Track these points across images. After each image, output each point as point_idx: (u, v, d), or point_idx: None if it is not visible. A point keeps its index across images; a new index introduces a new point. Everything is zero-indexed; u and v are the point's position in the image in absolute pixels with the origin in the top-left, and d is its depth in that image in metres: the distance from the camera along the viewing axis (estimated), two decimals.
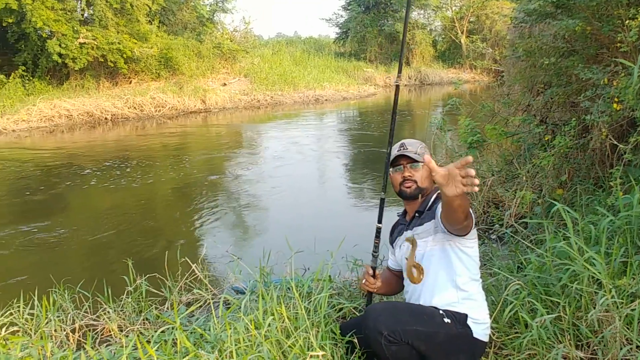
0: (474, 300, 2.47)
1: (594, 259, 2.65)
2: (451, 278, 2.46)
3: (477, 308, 2.46)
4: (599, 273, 2.59)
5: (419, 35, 32.72)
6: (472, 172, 1.89)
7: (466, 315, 2.40)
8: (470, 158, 1.89)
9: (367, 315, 2.34)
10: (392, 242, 2.89)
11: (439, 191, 2.59)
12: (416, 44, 32.58)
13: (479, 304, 2.49)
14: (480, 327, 2.43)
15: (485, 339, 2.47)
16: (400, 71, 2.83)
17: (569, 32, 4.74)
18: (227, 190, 8.53)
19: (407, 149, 2.64)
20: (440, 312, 2.38)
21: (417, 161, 2.63)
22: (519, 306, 2.69)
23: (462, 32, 32.62)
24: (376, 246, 2.80)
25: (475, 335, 2.40)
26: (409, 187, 2.63)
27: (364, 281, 2.78)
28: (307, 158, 10.99)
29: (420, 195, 2.65)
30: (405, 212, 2.81)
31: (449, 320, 2.34)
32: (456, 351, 2.38)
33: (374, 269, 2.77)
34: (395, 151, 2.68)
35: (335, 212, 7.18)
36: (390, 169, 2.72)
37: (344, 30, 36.51)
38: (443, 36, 35.47)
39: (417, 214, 2.65)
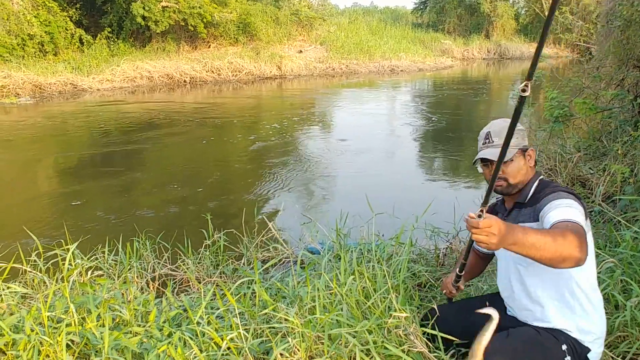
0: (596, 323, 2.09)
1: None
2: (567, 285, 2.06)
3: (596, 328, 2.09)
4: None
5: (501, 7, 31.40)
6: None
7: (589, 349, 2.06)
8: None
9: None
10: None
11: (541, 177, 2.25)
12: (497, 17, 31.33)
13: (598, 324, 2.10)
14: (599, 350, 2.11)
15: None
16: (531, 76, 1.51)
17: None
18: (300, 155, 8.55)
19: (492, 142, 2.19)
20: (563, 347, 2.03)
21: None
22: (612, 285, 2.53)
23: (547, 5, 31.05)
24: (458, 277, 2.34)
25: None
26: (500, 186, 2.24)
27: (444, 292, 2.44)
28: (380, 128, 10.85)
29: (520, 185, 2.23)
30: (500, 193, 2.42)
31: (569, 358, 2.03)
32: None
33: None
34: (480, 143, 2.27)
35: (407, 182, 7.05)
36: (479, 164, 2.30)
37: (423, 0, 35.54)
38: (526, 9, 33.90)
39: (516, 206, 2.26)
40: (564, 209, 1.94)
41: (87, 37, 17.56)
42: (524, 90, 1.50)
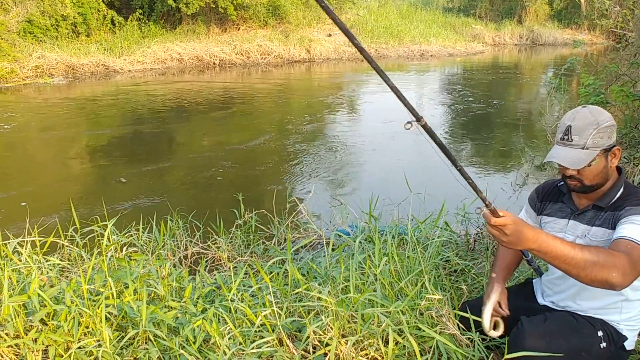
0: (637, 315, 2.08)
1: None
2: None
3: (636, 320, 2.08)
4: None
5: None
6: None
7: (626, 338, 2.06)
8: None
9: (520, 342, 1.97)
10: (537, 209, 2.30)
11: (625, 182, 2.06)
12: (530, 1, 30.66)
13: (639, 316, 2.09)
14: (634, 339, 2.10)
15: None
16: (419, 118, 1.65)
17: None
18: (330, 138, 8.56)
19: (571, 140, 1.94)
20: (599, 334, 2.01)
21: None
22: None
23: None
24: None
25: (626, 350, 2.10)
26: (574, 185, 2.04)
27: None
28: (408, 114, 10.75)
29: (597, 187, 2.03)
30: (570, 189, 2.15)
31: (605, 345, 2.01)
32: None
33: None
34: (558, 136, 2.01)
35: (436, 167, 7.00)
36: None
37: None
38: None
39: (595, 207, 2.05)
40: (639, 228, 1.83)
41: (118, 18, 17.69)
42: (409, 123, 1.62)
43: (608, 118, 1.95)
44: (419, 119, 1.61)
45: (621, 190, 2.02)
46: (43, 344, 2.20)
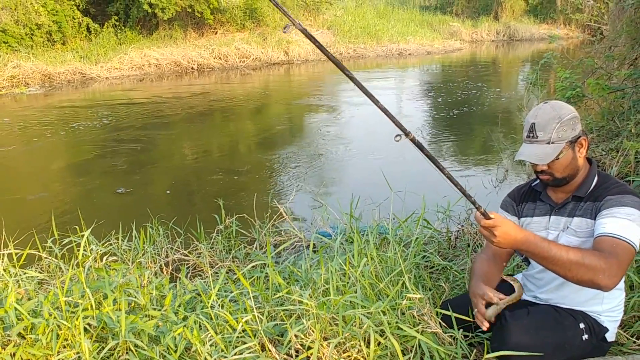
0: (618, 306, 2.11)
1: None
2: None
3: (617, 311, 2.11)
4: None
5: None
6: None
7: (607, 330, 2.08)
8: None
9: (504, 337, 1.96)
10: (517, 213, 2.29)
11: (597, 168, 2.11)
12: None
13: (620, 307, 2.13)
14: (615, 330, 2.13)
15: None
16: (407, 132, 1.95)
17: None
18: (308, 142, 8.55)
19: (537, 137, 2.00)
20: (581, 326, 2.03)
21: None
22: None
23: None
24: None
25: (607, 342, 2.12)
26: (547, 179, 2.08)
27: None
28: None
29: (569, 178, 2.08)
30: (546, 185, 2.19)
31: (587, 337, 2.03)
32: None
33: None
34: (524, 134, 2.06)
35: (416, 165, 7.01)
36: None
37: None
38: None
39: (574, 199, 2.08)
40: (621, 222, 1.85)
41: (94, 25, 17.52)
42: (398, 135, 1.95)
43: (570, 111, 2.00)
44: (407, 133, 1.85)
45: (596, 178, 2.07)
46: (21, 359, 2.16)
